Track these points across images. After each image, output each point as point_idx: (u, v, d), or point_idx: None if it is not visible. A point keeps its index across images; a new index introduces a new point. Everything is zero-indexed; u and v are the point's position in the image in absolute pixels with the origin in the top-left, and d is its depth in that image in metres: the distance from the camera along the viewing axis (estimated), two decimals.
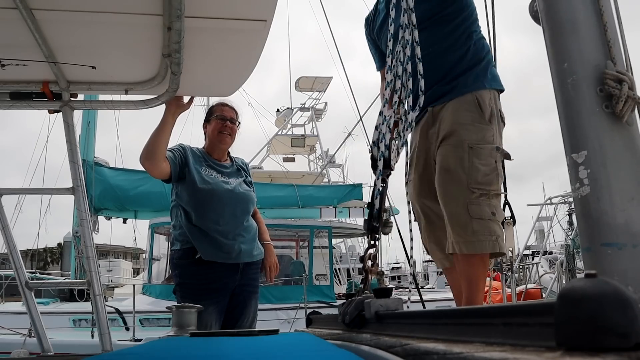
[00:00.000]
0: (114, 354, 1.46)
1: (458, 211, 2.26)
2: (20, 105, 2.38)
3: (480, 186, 2.25)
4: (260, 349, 1.27)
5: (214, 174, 2.89)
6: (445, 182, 2.33)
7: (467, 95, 2.38)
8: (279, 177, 14.94)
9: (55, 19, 1.92)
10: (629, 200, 1.24)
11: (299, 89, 19.49)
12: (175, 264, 2.87)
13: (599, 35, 1.34)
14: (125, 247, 29.57)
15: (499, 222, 2.28)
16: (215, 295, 2.77)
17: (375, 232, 1.68)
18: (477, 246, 2.22)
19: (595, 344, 0.41)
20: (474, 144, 2.30)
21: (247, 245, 2.88)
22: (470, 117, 2.34)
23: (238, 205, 2.88)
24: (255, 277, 2.99)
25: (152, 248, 8.70)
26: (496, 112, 2.40)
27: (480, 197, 2.25)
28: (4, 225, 2.51)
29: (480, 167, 2.27)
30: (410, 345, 0.73)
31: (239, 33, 2.11)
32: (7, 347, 5.29)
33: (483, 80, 2.42)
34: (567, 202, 12.21)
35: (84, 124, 8.48)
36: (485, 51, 2.51)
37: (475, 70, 2.43)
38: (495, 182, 2.30)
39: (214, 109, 3.02)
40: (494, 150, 2.31)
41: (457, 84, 2.42)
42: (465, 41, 2.46)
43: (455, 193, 2.28)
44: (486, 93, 2.39)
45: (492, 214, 2.26)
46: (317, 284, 10.03)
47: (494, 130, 2.36)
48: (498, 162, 2.33)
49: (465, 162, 2.28)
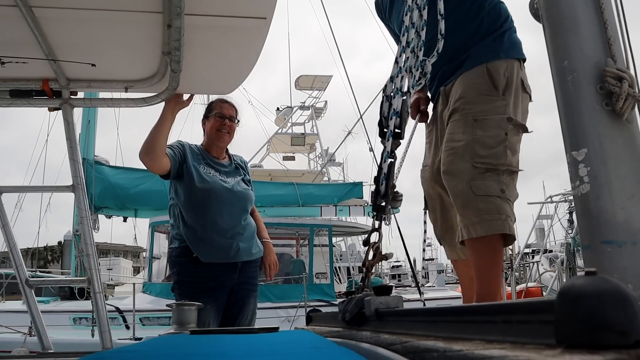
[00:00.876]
0: (114, 351, 1.46)
1: (461, 189, 2.04)
2: (20, 103, 2.38)
3: (484, 159, 2.02)
4: (260, 346, 1.27)
5: (212, 172, 2.87)
6: (448, 161, 2.12)
7: (477, 67, 2.19)
8: (279, 175, 14.96)
9: (55, 17, 1.92)
10: (629, 198, 1.24)
11: (299, 87, 19.52)
12: (173, 261, 2.86)
13: (599, 33, 1.34)
14: (125, 245, 29.66)
15: (509, 201, 2.02)
16: (213, 293, 2.76)
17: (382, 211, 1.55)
18: (483, 227, 1.97)
19: (595, 341, 0.41)
20: (478, 115, 2.09)
21: (246, 244, 2.87)
22: (478, 90, 2.14)
23: (236, 204, 2.87)
24: (254, 276, 2.98)
25: (153, 246, 8.70)
26: (515, 82, 2.16)
27: (486, 172, 2.01)
28: (4, 224, 2.51)
29: (485, 139, 2.05)
30: (410, 342, 0.73)
31: (239, 31, 2.10)
32: (7, 345, 5.30)
33: (497, 50, 2.21)
34: (568, 201, 12.21)
35: (84, 123, 8.49)
36: (502, 19, 2.27)
37: (486, 41, 2.22)
38: (504, 155, 2.03)
39: (213, 105, 2.99)
40: (504, 121, 2.07)
41: (467, 57, 2.23)
42: (477, 13, 2.25)
43: (458, 170, 2.07)
44: (501, 63, 2.17)
45: (501, 190, 2.00)
46: (317, 282, 10.04)
47: (508, 101, 2.12)
48: (510, 134, 2.07)
49: (468, 136, 2.07)
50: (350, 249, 19.45)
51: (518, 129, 2.10)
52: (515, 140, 2.11)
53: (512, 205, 2.06)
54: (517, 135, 2.12)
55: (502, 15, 2.29)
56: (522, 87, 2.21)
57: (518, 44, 2.29)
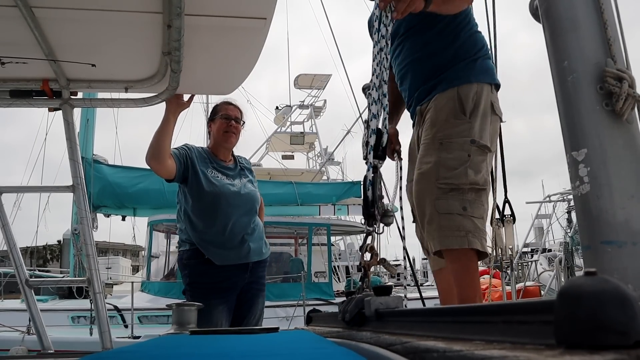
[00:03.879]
0: (114, 351, 1.46)
1: (427, 209, 2.23)
2: (20, 104, 2.38)
3: (447, 180, 2.19)
4: (260, 347, 1.27)
5: (219, 176, 2.88)
6: (416, 181, 2.31)
7: (449, 90, 2.34)
8: (278, 174, 14.95)
9: (55, 17, 1.92)
10: (628, 198, 1.24)
11: (298, 86, 19.50)
12: (184, 264, 2.87)
13: (599, 33, 1.35)
14: (124, 244, 29.61)
15: (472, 217, 2.17)
16: (225, 294, 2.79)
17: (372, 218, 1.66)
18: (444, 242, 2.15)
19: (595, 341, 0.41)
20: (444, 139, 2.26)
21: (256, 244, 2.90)
22: (447, 113, 2.30)
23: (244, 206, 2.89)
24: (263, 275, 3.02)
25: (151, 245, 8.70)
26: (483, 105, 2.32)
27: (449, 192, 2.18)
28: (4, 223, 2.51)
29: (448, 161, 2.22)
30: (410, 343, 0.73)
31: (239, 31, 2.10)
32: (5, 344, 5.29)
33: (469, 74, 2.36)
34: (566, 200, 12.22)
35: (82, 122, 8.48)
36: (477, 47, 2.45)
37: (460, 65, 2.38)
38: (465, 175, 2.19)
39: (219, 108, 3.01)
40: (467, 143, 2.24)
41: (440, 80, 2.38)
42: (453, 42, 2.42)
43: (425, 192, 2.25)
44: (471, 87, 2.33)
45: (462, 208, 2.16)
46: (316, 281, 10.04)
47: (474, 124, 2.28)
48: (474, 155, 2.24)
49: (433, 158, 2.24)
50: (349, 248, 19.43)
51: (481, 150, 2.26)
52: (480, 160, 2.26)
53: (480, 220, 2.21)
54: (481, 156, 2.27)
55: (477, 44, 2.46)
56: (491, 109, 2.36)
57: (490, 69, 2.46)
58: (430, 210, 2.20)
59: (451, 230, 2.14)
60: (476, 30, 2.51)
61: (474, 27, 2.50)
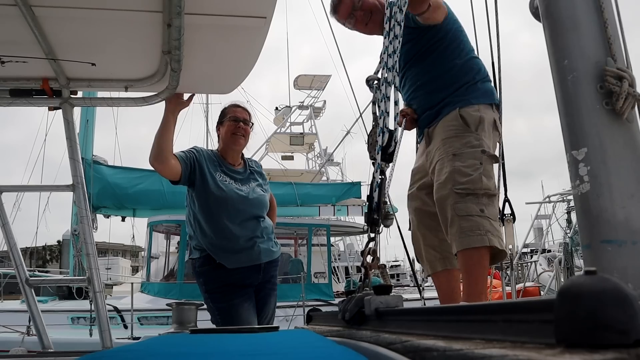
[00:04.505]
0: (114, 350, 1.46)
1: (448, 214, 2.37)
2: (20, 103, 2.38)
3: (464, 186, 2.36)
4: (260, 346, 1.27)
5: (227, 180, 2.88)
6: (437, 192, 2.47)
7: (451, 113, 2.53)
8: (278, 175, 14.94)
9: (55, 16, 1.92)
10: (629, 197, 1.24)
11: (298, 87, 19.48)
12: (198, 272, 2.88)
13: (600, 32, 1.34)
14: (124, 245, 29.58)
15: (489, 219, 2.35)
16: (244, 291, 2.81)
17: (375, 224, 1.70)
18: (466, 241, 2.30)
19: (595, 340, 0.41)
20: (457, 150, 2.44)
21: (266, 245, 2.90)
22: (455, 130, 2.49)
23: (252, 211, 2.88)
24: (275, 275, 3.04)
25: (151, 246, 8.70)
26: (487, 121, 2.52)
27: (467, 197, 2.35)
28: (4, 223, 2.51)
29: (462, 168, 2.39)
30: (410, 342, 0.73)
31: (239, 30, 2.10)
32: (5, 345, 5.28)
33: (469, 97, 2.56)
34: (566, 201, 12.21)
35: (82, 123, 8.48)
36: (474, 72, 2.64)
37: (461, 90, 2.58)
38: (480, 181, 2.38)
39: (227, 110, 3.01)
40: (479, 152, 2.43)
41: (444, 105, 2.58)
42: (451, 68, 2.61)
43: (444, 198, 2.40)
44: (472, 108, 2.52)
45: (480, 210, 2.33)
46: (316, 282, 10.04)
47: (482, 136, 2.47)
48: (485, 163, 2.43)
49: (449, 168, 2.42)
50: (349, 249, 19.45)
51: (491, 159, 2.47)
52: (490, 168, 2.47)
53: (495, 222, 2.40)
54: (490, 164, 2.48)
55: (474, 68, 2.66)
56: (493, 125, 2.58)
57: (489, 91, 2.68)
58: (451, 214, 2.35)
59: (472, 230, 2.30)
60: (472, 56, 2.72)
61: (470, 54, 2.71)
